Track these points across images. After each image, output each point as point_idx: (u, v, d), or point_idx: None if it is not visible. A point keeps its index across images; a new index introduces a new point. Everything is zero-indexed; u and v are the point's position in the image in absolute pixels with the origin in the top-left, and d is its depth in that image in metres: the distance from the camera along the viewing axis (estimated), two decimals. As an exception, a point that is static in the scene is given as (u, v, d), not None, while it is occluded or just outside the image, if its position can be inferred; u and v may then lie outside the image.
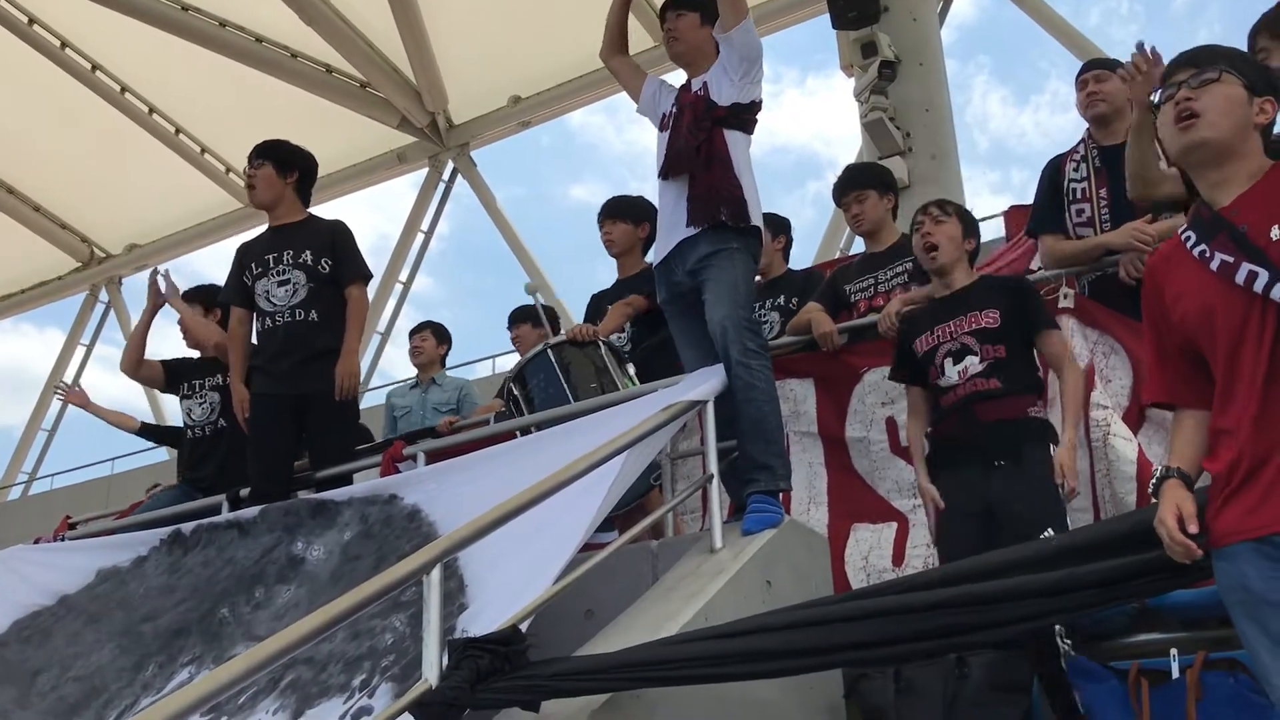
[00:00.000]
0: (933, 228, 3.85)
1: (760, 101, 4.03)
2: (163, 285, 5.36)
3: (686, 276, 3.94)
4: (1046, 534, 3.38)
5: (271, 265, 4.72)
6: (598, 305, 5.12)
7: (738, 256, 3.85)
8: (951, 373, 3.68)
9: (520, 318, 6.01)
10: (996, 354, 3.64)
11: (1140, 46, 3.62)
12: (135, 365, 5.56)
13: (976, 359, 3.65)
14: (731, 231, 3.85)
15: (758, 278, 4.51)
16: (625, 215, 5.03)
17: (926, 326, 3.82)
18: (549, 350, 4.45)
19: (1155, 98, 2.40)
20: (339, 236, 4.80)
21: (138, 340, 5.58)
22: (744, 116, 3.99)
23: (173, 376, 5.55)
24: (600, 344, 4.49)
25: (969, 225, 3.95)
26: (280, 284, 4.68)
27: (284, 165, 4.85)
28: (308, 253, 4.70)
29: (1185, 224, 2.33)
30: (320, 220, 4.92)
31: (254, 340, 4.89)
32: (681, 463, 4.36)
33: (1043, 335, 3.72)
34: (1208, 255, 2.21)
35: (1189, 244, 2.27)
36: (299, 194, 4.90)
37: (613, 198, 5.11)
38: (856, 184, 4.83)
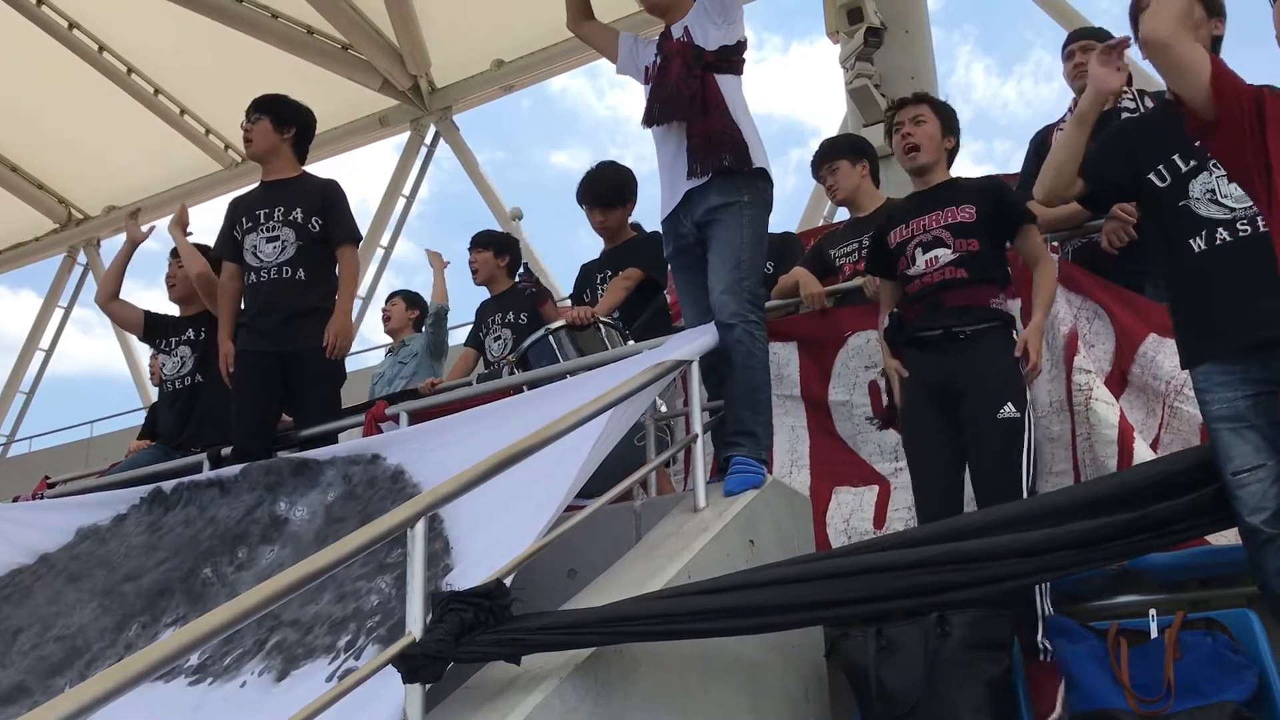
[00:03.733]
0: (913, 129, 3.88)
1: (745, 40, 3.98)
2: (143, 226, 5.43)
3: (694, 228, 3.88)
4: (1005, 409, 3.45)
5: (262, 221, 4.71)
6: (587, 275, 5.11)
7: (746, 213, 3.79)
8: (920, 261, 3.74)
9: (483, 242, 5.88)
10: (969, 247, 3.69)
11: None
12: (109, 297, 5.55)
13: (949, 250, 3.70)
14: (740, 179, 3.80)
15: None
16: (615, 200, 4.99)
17: (902, 220, 3.87)
18: (550, 336, 4.45)
19: None
20: (331, 196, 4.77)
21: (114, 273, 5.57)
22: (732, 58, 3.93)
23: (150, 328, 5.53)
24: (600, 325, 4.47)
25: (948, 123, 3.96)
26: (269, 240, 4.67)
27: (281, 120, 4.84)
28: (298, 210, 4.68)
29: None
30: (314, 179, 4.89)
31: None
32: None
33: (1021, 230, 3.78)
34: None
35: None
36: (295, 150, 4.89)
37: (593, 181, 5.01)
38: (827, 156, 4.87)
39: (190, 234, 5.39)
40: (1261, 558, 2.58)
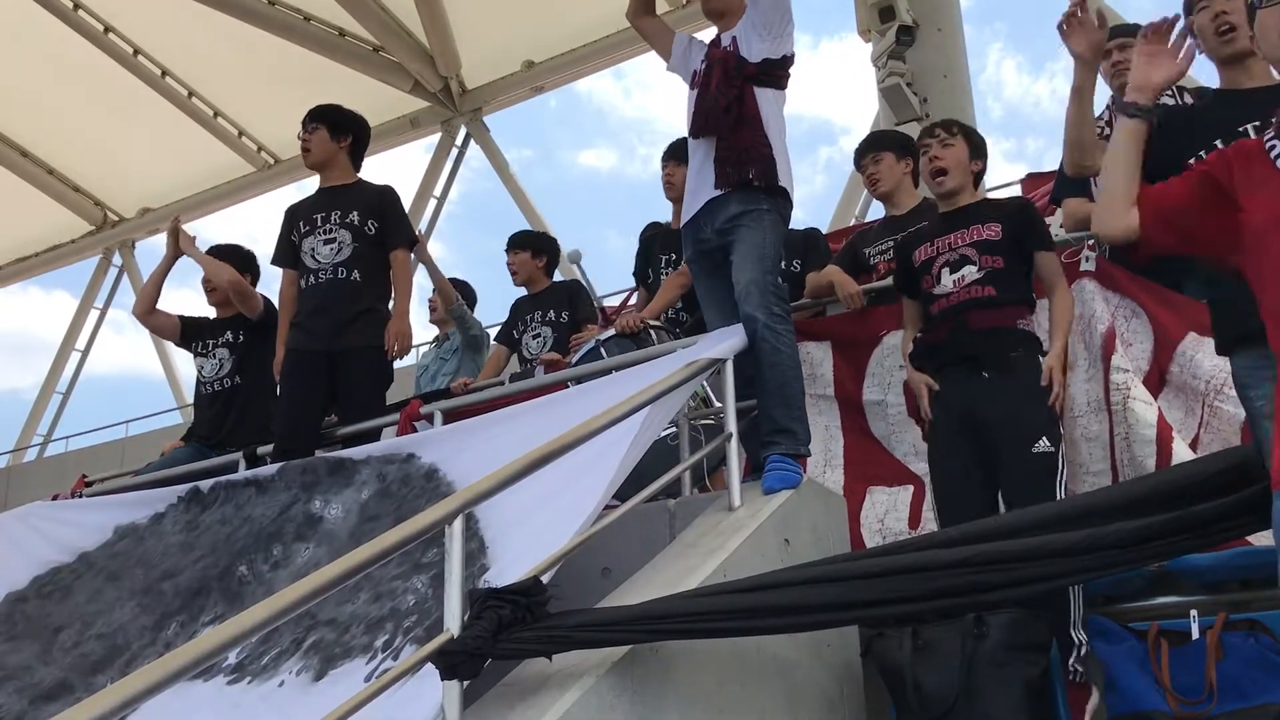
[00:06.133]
0: (940, 151, 3.89)
1: (792, 56, 3.98)
2: (180, 236, 5.42)
3: (714, 235, 3.91)
4: (1040, 444, 3.43)
5: (319, 224, 4.80)
6: (648, 252, 5.14)
7: (767, 218, 3.81)
8: (947, 281, 3.74)
9: (520, 243, 5.93)
10: (994, 264, 3.68)
11: None
12: (147, 311, 5.60)
13: (974, 268, 3.69)
14: (761, 192, 3.82)
15: None
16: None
17: (927, 238, 3.87)
18: (600, 347, 4.45)
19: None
20: (387, 200, 4.89)
21: (153, 286, 5.62)
22: (775, 73, 3.94)
23: (187, 332, 5.59)
24: (651, 331, 4.47)
25: (976, 146, 3.97)
26: (326, 242, 4.77)
27: (337, 129, 4.95)
28: (355, 213, 4.78)
29: (1271, 132, 2.28)
30: (369, 184, 4.98)
31: None
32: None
33: (1039, 254, 3.76)
34: None
35: (1272, 153, 2.23)
36: (351, 158, 4.99)
37: (680, 139, 4.96)
38: (873, 146, 4.84)
39: (194, 237, 5.46)
40: None
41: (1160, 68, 2.60)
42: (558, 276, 6.00)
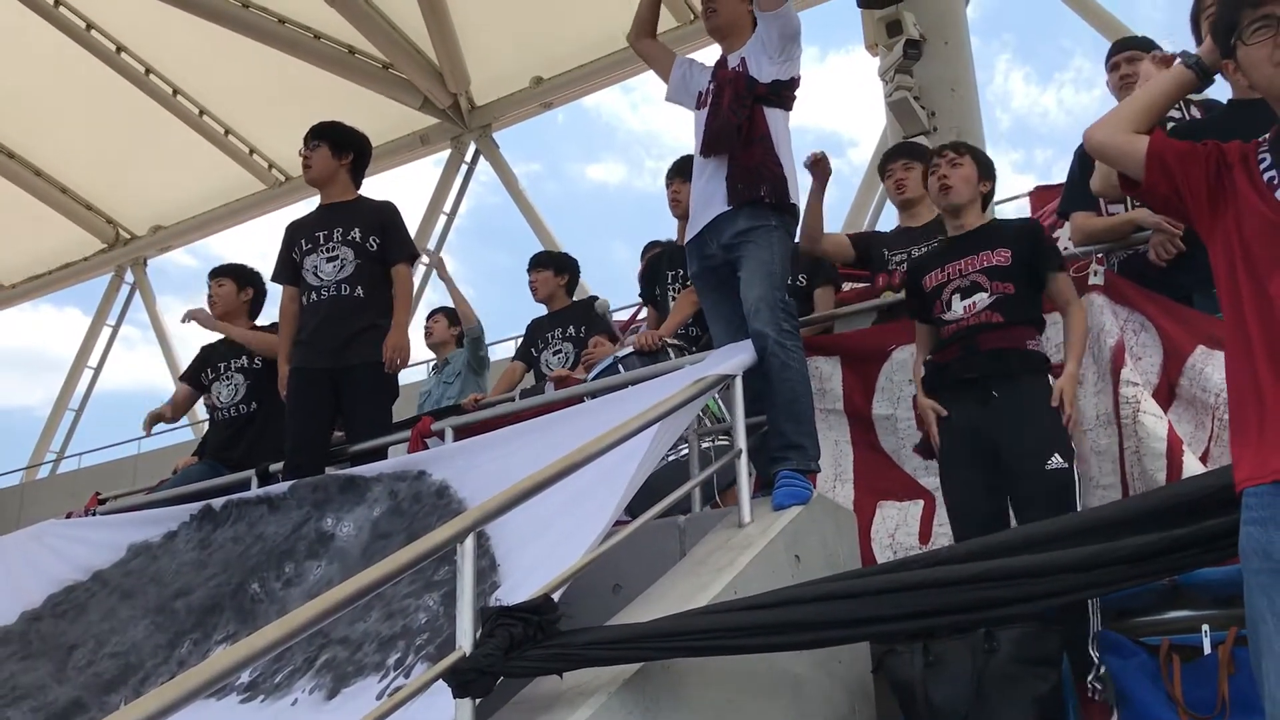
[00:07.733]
0: (948, 170, 3.91)
1: (799, 78, 4.02)
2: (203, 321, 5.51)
3: (721, 250, 3.93)
4: (1053, 461, 3.42)
5: (321, 242, 4.83)
6: (655, 271, 5.15)
7: (775, 234, 3.85)
8: (957, 307, 3.75)
9: (542, 262, 6.03)
10: (1005, 291, 3.70)
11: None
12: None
13: (985, 295, 3.71)
14: (769, 208, 3.85)
15: None
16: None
17: (936, 264, 3.89)
18: (619, 364, 4.46)
19: (1247, 31, 2.25)
20: (388, 216, 4.92)
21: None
22: (784, 94, 3.98)
23: (197, 371, 5.61)
24: (669, 349, 4.48)
25: (984, 167, 3.98)
26: (329, 260, 4.79)
27: (339, 146, 4.99)
28: (357, 230, 4.81)
29: (1265, 144, 2.27)
30: (370, 200, 5.02)
31: None
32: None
33: (1052, 276, 3.78)
34: (1276, 182, 2.18)
35: (1262, 165, 2.22)
36: (352, 175, 5.03)
37: (685, 157, 5.02)
38: (908, 154, 4.93)
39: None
40: None
41: None
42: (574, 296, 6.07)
